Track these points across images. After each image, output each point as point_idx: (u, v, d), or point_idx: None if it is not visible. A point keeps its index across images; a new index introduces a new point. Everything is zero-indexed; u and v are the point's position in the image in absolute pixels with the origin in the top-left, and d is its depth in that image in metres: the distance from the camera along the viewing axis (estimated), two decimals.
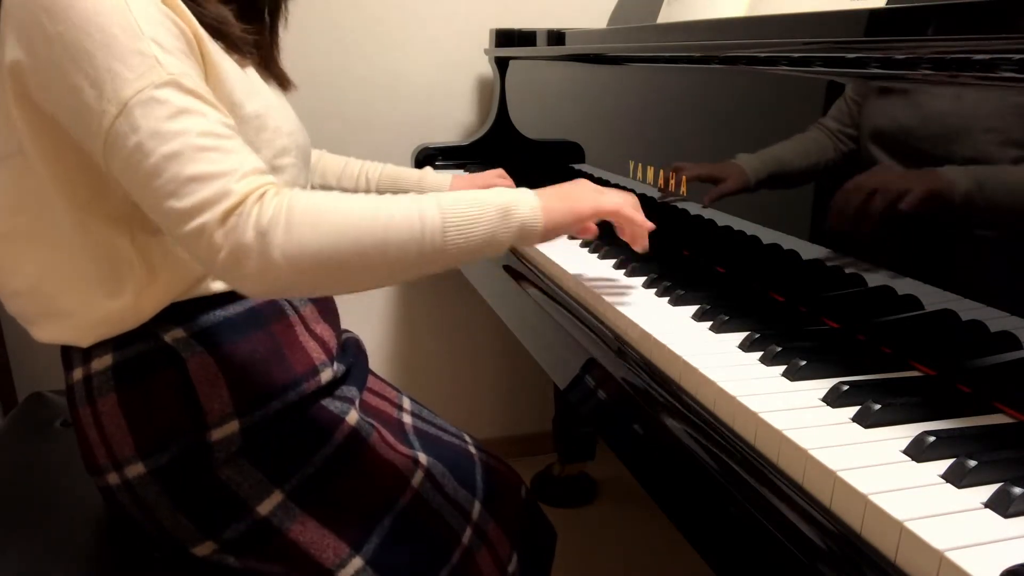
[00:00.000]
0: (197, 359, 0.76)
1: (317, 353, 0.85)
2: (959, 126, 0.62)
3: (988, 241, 0.60)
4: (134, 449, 0.75)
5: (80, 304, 0.75)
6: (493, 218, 0.71)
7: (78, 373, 0.77)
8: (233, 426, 0.76)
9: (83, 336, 0.76)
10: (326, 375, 0.85)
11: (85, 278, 0.75)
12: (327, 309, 0.90)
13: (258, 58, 0.87)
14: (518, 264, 1.09)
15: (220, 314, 0.79)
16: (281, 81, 0.93)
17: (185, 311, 0.77)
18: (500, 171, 1.29)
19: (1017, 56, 0.56)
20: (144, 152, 0.63)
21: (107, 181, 0.71)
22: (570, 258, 1.02)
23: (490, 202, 0.72)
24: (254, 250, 0.63)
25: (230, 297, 0.80)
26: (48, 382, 1.22)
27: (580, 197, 0.79)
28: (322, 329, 0.87)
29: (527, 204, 0.74)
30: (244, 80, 0.79)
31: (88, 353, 0.76)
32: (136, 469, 0.75)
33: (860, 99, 0.72)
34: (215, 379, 0.76)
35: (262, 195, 0.65)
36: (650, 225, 0.85)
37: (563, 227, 0.77)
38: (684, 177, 0.99)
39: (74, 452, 0.95)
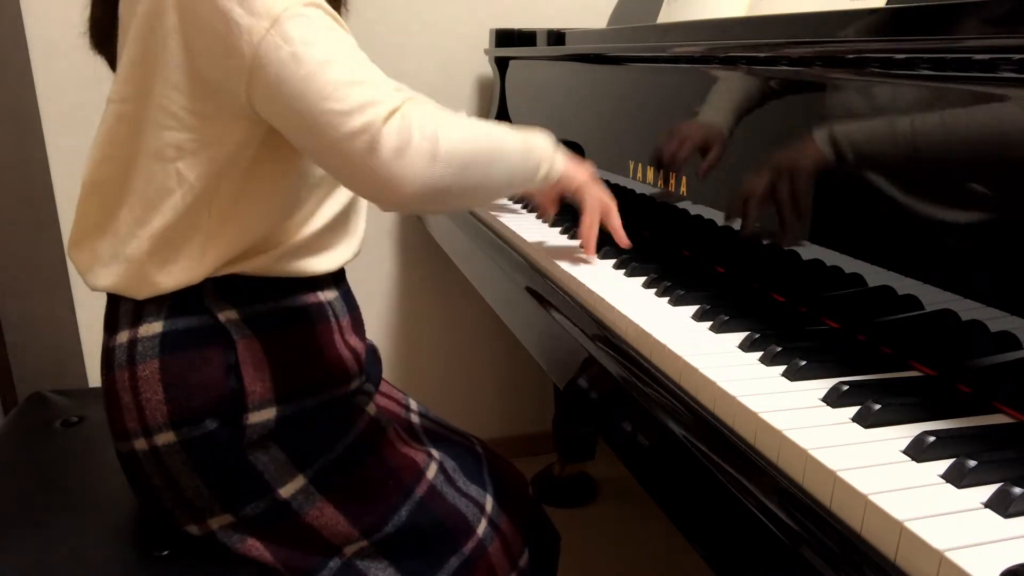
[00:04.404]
0: (246, 342, 0.77)
1: (351, 363, 0.86)
2: (959, 126, 0.62)
3: (988, 241, 0.60)
4: (167, 417, 0.75)
5: (146, 251, 0.75)
6: (548, 154, 0.89)
7: (123, 336, 0.77)
8: (270, 412, 0.77)
9: (139, 286, 0.76)
10: (354, 384, 0.87)
11: (159, 227, 0.75)
12: (358, 323, 0.92)
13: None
14: (516, 261, 1.09)
15: (273, 304, 0.80)
16: None
17: (241, 294, 0.78)
18: None
19: (1017, 56, 0.56)
20: (298, 60, 0.67)
21: (227, 131, 0.74)
22: (569, 257, 1.02)
23: (542, 144, 0.89)
24: (420, 147, 0.69)
25: (282, 288, 0.81)
26: (48, 382, 1.23)
27: (584, 179, 0.95)
28: (355, 342, 0.89)
29: (560, 157, 0.92)
30: None
31: (138, 318, 0.77)
32: (166, 437, 0.75)
33: (859, 99, 0.72)
34: (260, 363, 0.77)
35: (411, 105, 0.71)
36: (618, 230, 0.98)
37: (562, 183, 0.93)
38: (684, 177, 0.99)
39: (74, 452, 0.95)
